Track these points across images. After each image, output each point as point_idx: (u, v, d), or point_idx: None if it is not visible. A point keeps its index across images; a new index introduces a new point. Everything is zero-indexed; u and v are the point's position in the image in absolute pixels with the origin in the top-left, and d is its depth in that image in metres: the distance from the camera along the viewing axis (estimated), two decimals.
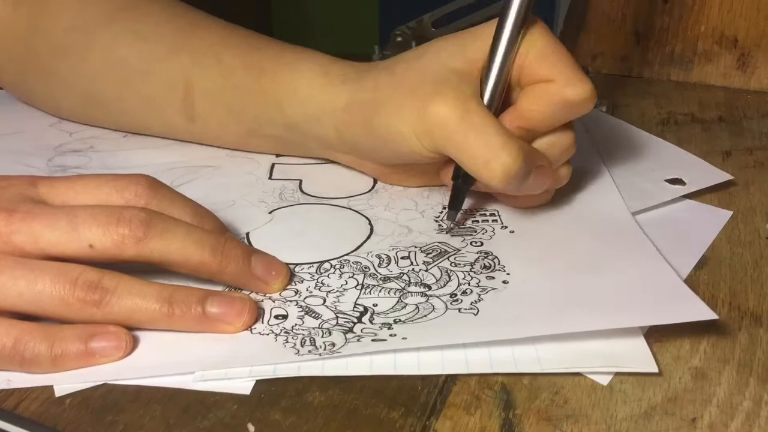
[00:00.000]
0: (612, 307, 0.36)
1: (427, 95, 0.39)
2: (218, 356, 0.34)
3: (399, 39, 0.66)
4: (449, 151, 0.39)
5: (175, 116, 0.48)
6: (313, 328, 0.35)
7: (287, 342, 0.34)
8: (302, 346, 0.34)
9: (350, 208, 0.45)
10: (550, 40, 0.39)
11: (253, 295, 0.37)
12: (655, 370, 0.33)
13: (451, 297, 0.37)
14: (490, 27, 0.40)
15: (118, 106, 0.50)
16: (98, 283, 0.34)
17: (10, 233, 0.34)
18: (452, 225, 0.42)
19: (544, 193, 0.43)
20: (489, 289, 0.38)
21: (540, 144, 0.41)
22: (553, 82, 0.39)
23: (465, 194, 0.42)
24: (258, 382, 0.33)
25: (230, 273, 0.36)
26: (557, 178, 0.42)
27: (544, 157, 0.40)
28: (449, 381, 0.33)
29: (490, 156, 0.37)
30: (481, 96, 0.40)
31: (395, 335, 0.35)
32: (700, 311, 0.35)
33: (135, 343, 0.34)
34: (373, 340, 0.34)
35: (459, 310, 0.36)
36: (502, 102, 0.41)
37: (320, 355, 0.33)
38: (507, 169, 0.37)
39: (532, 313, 0.36)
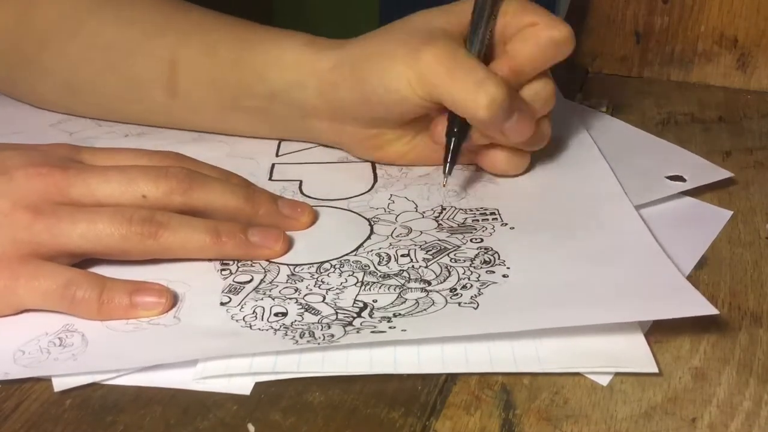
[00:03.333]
0: (613, 302, 0.36)
1: (418, 44, 0.42)
2: (219, 347, 0.34)
3: None
4: (439, 92, 0.41)
5: (157, 94, 0.50)
6: (313, 323, 0.35)
7: (286, 335, 0.34)
8: (301, 337, 0.34)
9: (350, 210, 0.45)
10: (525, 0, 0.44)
11: (254, 294, 0.37)
12: (655, 370, 0.33)
13: (451, 291, 0.37)
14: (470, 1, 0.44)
15: (99, 92, 0.52)
16: (152, 219, 0.38)
17: (68, 186, 0.38)
18: (447, 180, 0.44)
19: (522, 155, 0.46)
20: (489, 283, 0.38)
21: (525, 91, 0.44)
22: (538, 25, 0.43)
23: (459, 148, 0.44)
24: (258, 382, 0.33)
25: (262, 214, 0.41)
26: (538, 133, 0.45)
27: (526, 102, 0.43)
28: (449, 381, 0.33)
29: (476, 89, 0.40)
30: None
31: (395, 328, 0.35)
32: (701, 306, 0.35)
33: (171, 302, 0.37)
34: (372, 332, 0.34)
35: (459, 304, 0.36)
36: (486, 62, 0.43)
37: (319, 344, 0.33)
38: (492, 98, 0.40)
39: (532, 307, 0.36)
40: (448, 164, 0.44)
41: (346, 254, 0.41)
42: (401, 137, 0.47)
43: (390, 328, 0.35)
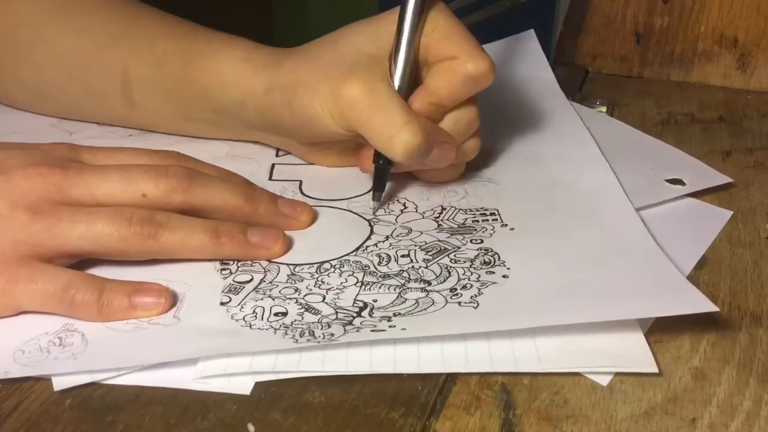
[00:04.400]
0: (612, 300, 0.36)
1: (340, 77, 0.42)
2: (219, 346, 0.34)
3: None
4: (358, 129, 0.42)
5: (117, 105, 0.50)
6: (312, 323, 0.35)
7: (286, 335, 0.34)
8: (301, 336, 0.34)
9: (350, 210, 0.45)
10: (451, 21, 0.43)
11: (254, 294, 0.37)
12: (655, 370, 0.33)
13: (451, 291, 0.37)
14: (396, 12, 0.43)
15: (64, 98, 0.52)
16: (151, 219, 0.38)
17: (67, 186, 0.38)
18: (377, 206, 0.45)
19: (453, 167, 0.46)
20: (489, 283, 0.38)
21: (447, 121, 0.44)
22: (456, 58, 0.42)
23: (388, 174, 0.44)
24: (258, 382, 0.33)
25: (262, 213, 0.41)
26: (464, 152, 0.45)
27: (446, 134, 0.43)
28: (449, 381, 0.33)
29: (392, 133, 0.40)
30: (391, 77, 0.43)
31: (394, 326, 0.35)
32: (701, 304, 0.35)
33: (170, 302, 0.37)
34: (372, 331, 0.34)
35: (459, 303, 0.36)
36: (413, 81, 0.43)
37: (319, 343, 0.33)
38: (408, 145, 0.40)
39: (532, 306, 0.36)
40: (375, 192, 0.44)
41: (346, 254, 0.41)
42: (345, 150, 0.48)
43: (390, 327, 0.35)
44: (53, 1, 0.52)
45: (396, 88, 0.42)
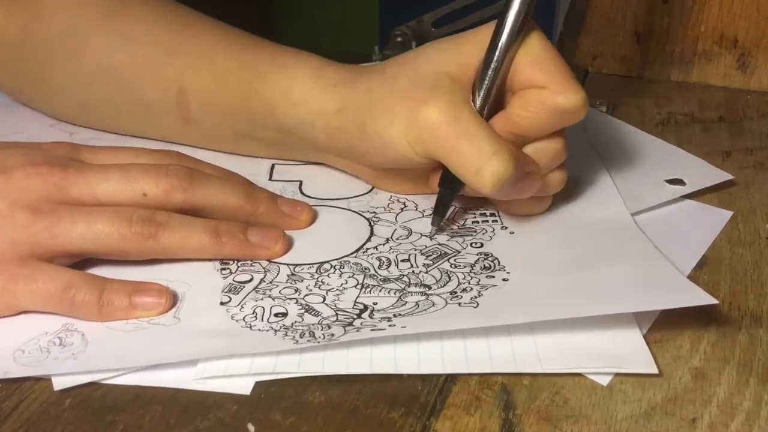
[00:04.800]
0: (611, 295, 0.36)
1: (419, 100, 0.39)
2: (219, 347, 0.34)
3: (399, 39, 0.66)
4: (440, 156, 0.39)
5: (170, 120, 0.48)
6: (313, 324, 0.35)
7: (286, 335, 0.34)
8: (301, 337, 0.34)
9: (350, 210, 0.45)
10: (547, 47, 0.39)
11: (254, 294, 0.37)
12: (655, 371, 0.33)
13: (451, 294, 0.37)
14: (484, 31, 0.40)
15: (112, 112, 0.50)
16: (151, 218, 0.38)
17: (68, 185, 0.38)
18: (435, 231, 0.42)
19: (540, 200, 0.43)
20: (489, 286, 0.38)
21: (529, 150, 0.40)
22: (546, 88, 0.38)
23: (451, 200, 0.42)
24: (258, 382, 0.33)
25: (262, 213, 0.41)
26: (547, 185, 0.42)
27: (534, 162, 0.40)
28: (449, 381, 0.33)
29: (481, 163, 0.37)
30: (474, 101, 0.40)
31: (394, 325, 0.35)
32: (700, 297, 0.35)
33: (170, 302, 0.37)
34: (372, 330, 0.34)
35: (459, 304, 0.36)
36: (496, 107, 0.40)
37: (319, 343, 0.33)
38: (498, 176, 0.37)
39: (531, 303, 0.36)
40: (435, 217, 0.42)
41: (346, 255, 0.41)
42: (420, 177, 0.44)
43: (390, 326, 0.35)
44: (102, 9, 0.50)
45: (478, 112, 0.39)
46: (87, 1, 0.50)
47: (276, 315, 0.36)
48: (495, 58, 0.39)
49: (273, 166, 0.49)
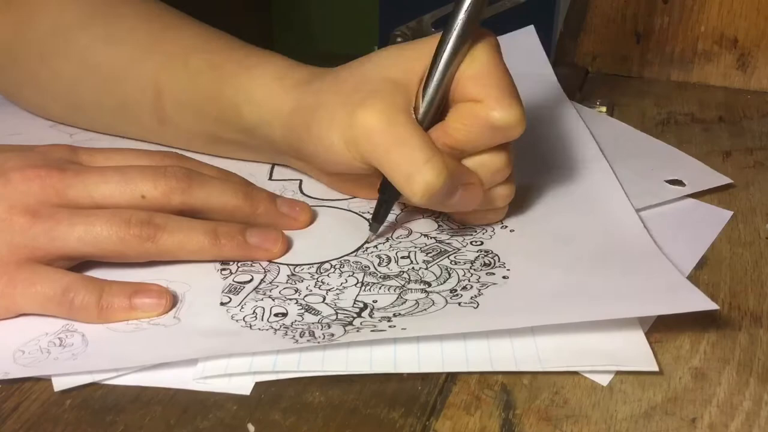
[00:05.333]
0: (613, 299, 0.36)
1: (358, 103, 0.38)
2: (219, 346, 0.34)
3: (399, 39, 0.66)
4: (374, 161, 0.38)
5: (147, 120, 0.49)
6: (312, 323, 0.35)
7: (286, 335, 0.34)
8: (301, 336, 0.34)
9: (350, 210, 0.45)
10: (491, 59, 0.38)
11: (254, 294, 0.37)
12: (656, 368, 0.33)
13: (451, 292, 0.37)
14: (433, 41, 0.39)
15: (98, 111, 0.51)
16: (150, 221, 0.38)
17: (65, 188, 0.37)
18: (374, 237, 0.42)
19: (492, 211, 0.42)
20: (489, 284, 0.38)
21: (470, 163, 0.39)
22: (481, 102, 0.38)
23: (389, 208, 0.41)
24: (258, 382, 0.33)
25: (261, 213, 0.41)
26: (492, 199, 0.41)
27: (473, 175, 0.39)
28: (449, 381, 0.33)
29: (412, 170, 0.37)
30: (416, 109, 0.39)
31: (395, 326, 0.35)
32: (701, 302, 0.35)
33: (170, 303, 0.37)
34: (372, 331, 0.34)
35: (459, 303, 0.36)
36: (438, 117, 0.39)
37: (319, 343, 0.34)
38: (429, 185, 0.37)
39: (532, 306, 0.36)
40: (373, 223, 0.42)
41: (346, 255, 0.41)
42: (372, 183, 0.42)
43: (390, 326, 0.35)
44: (88, 9, 0.50)
45: (419, 120, 0.39)
46: (74, 1, 0.51)
47: (276, 315, 0.36)
48: (438, 69, 0.38)
49: (273, 166, 0.49)
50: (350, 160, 0.40)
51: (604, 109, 0.59)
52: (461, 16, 0.37)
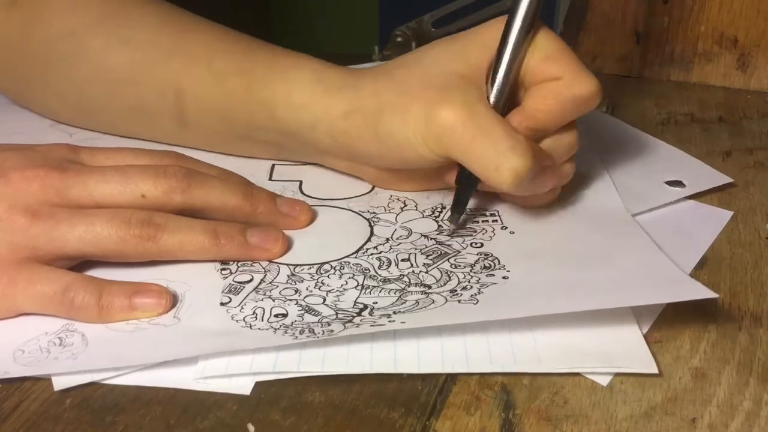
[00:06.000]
0: (611, 290, 0.36)
1: (434, 100, 0.39)
2: (219, 345, 0.34)
3: (399, 39, 0.66)
4: (458, 155, 0.39)
5: (166, 122, 0.48)
6: (312, 322, 0.35)
7: (285, 333, 0.34)
8: (300, 334, 0.34)
9: (350, 210, 0.45)
10: (556, 41, 0.40)
11: (254, 294, 0.37)
12: (655, 371, 0.33)
13: (451, 293, 0.37)
14: (490, 29, 0.40)
15: (109, 114, 0.50)
16: (150, 220, 0.38)
17: (66, 188, 0.37)
18: (454, 227, 0.42)
19: (550, 192, 0.43)
20: (489, 284, 0.38)
21: (545, 144, 0.41)
22: (561, 79, 0.39)
23: (469, 197, 0.42)
24: (258, 382, 0.33)
25: (261, 213, 0.41)
26: (561, 176, 0.42)
27: (550, 157, 0.41)
28: (449, 381, 0.33)
29: (500, 160, 0.37)
30: (488, 99, 0.40)
31: (394, 321, 0.35)
32: (699, 291, 0.35)
33: (170, 303, 0.37)
34: (371, 326, 0.34)
35: (458, 301, 0.36)
36: (509, 104, 0.40)
37: (318, 338, 0.34)
38: (517, 172, 0.37)
39: (531, 298, 0.36)
40: (453, 214, 0.42)
41: (346, 256, 0.41)
42: (427, 175, 0.45)
43: (389, 322, 0.35)
44: (100, 12, 0.49)
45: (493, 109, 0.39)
46: (85, 3, 0.50)
47: (276, 316, 0.36)
48: (507, 56, 0.40)
49: (273, 166, 0.49)
50: (428, 156, 0.40)
51: (604, 109, 0.59)
52: (525, 4, 0.39)
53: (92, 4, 0.50)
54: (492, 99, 0.40)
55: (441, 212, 0.44)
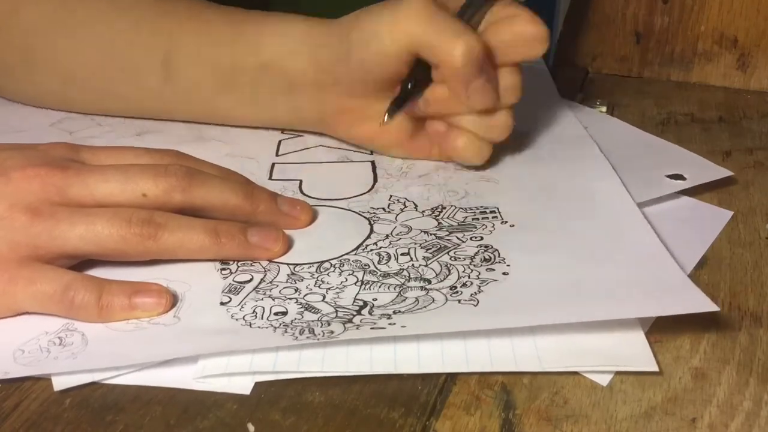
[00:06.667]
0: (613, 298, 0.36)
1: (400, 2, 0.43)
2: (219, 344, 0.34)
3: None
4: (418, 39, 0.42)
5: (151, 80, 0.50)
6: (312, 321, 0.35)
7: (286, 332, 0.34)
8: (300, 334, 0.34)
9: (350, 210, 0.45)
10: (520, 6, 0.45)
11: (254, 294, 0.37)
12: (656, 368, 0.33)
13: (450, 289, 0.37)
14: None
15: (94, 82, 0.52)
16: (151, 219, 0.38)
17: (66, 187, 0.37)
18: (389, 121, 0.45)
19: (486, 145, 0.47)
20: (489, 281, 0.38)
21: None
22: (518, 17, 0.44)
23: (411, 96, 0.45)
24: (258, 382, 0.33)
25: (262, 212, 0.41)
26: (500, 122, 0.46)
27: (494, 73, 0.44)
28: (449, 381, 0.33)
29: (455, 36, 0.42)
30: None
31: (394, 324, 0.35)
32: (702, 303, 0.35)
33: (170, 302, 0.37)
34: (372, 329, 0.34)
35: (459, 301, 0.36)
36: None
37: (318, 340, 0.34)
38: (469, 47, 0.42)
39: (532, 304, 0.36)
40: (391, 107, 0.45)
41: (346, 254, 0.41)
42: (376, 115, 0.46)
43: (390, 324, 0.35)
44: None
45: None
46: None
47: (276, 314, 0.36)
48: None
49: (273, 165, 0.49)
50: (390, 48, 0.43)
51: (603, 109, 0.59)
52: None
53: None
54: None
55: (441, 212, 0.44)
